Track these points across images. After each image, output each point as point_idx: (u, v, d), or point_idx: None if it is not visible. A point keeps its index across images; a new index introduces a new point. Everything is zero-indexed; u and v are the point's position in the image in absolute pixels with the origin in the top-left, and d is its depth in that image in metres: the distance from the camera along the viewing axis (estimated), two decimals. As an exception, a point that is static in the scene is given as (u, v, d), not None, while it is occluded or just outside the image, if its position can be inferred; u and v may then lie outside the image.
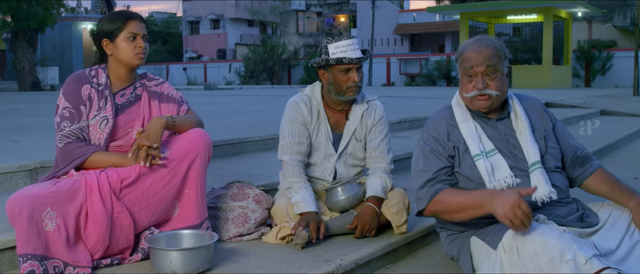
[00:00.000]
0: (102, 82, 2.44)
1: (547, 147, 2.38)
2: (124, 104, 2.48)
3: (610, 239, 2.17)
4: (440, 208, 2.27)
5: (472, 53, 2.32)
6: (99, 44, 2.46)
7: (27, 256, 2.05)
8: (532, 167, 2.30)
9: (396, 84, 28.13)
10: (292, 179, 2.69)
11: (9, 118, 7.02)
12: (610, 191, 2.39)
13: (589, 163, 2.46)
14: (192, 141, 2.41)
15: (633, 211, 2.25)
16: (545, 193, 2.24)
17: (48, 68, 27.08)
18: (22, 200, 2.07)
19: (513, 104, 2.44)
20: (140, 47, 2.44)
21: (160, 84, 2.61)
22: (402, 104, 9.57)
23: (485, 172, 2.29)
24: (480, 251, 2.25)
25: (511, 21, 22.04)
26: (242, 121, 6.41)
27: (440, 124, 2.42)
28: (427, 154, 2.37)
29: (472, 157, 2.32)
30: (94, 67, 2.49)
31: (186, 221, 2.42)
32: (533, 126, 2.41)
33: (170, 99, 2.59)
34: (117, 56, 2.44)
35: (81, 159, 2.32)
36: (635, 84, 15.19)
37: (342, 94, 2.73)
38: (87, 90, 2.41)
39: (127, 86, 2.51)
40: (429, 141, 2.40)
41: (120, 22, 2.43)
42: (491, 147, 2.34)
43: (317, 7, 40.91)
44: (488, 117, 2.41)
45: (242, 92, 17.67)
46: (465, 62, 2.34)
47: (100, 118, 2.40)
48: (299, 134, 2.76)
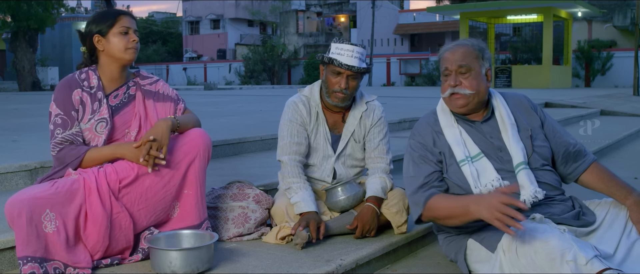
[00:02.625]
0: (94, 85, 2.41)
1: (533, 147, 2.37)
2: (118, 106, 2.45)
3: (608, 243, 2.16)
4: (433, 214, 2.28)
5: (447, 54, 2.38)
6: (90, 42, 2.42)
7: (27, 259, 2.04)
8: (517, 168, 2.29)
9: (396, 84, 28.13)
10: (291, 180, 2.69)
11: (9, 118, 7.02)
12: (606, 187, 2.37)
13: (582, 159, 2.44)
14: (192, 141, 2.40)
15: (630, 208, 2.24)
16: (531, 194, 2.23)
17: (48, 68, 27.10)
18: (21, 202, 2.06)
19: (497, 104, 2.43)
20: (133, 41, 2.42)
21: (155, 83, 2.58)
22: (402, 104, 9.57)
23: (471, 177, 2.29)
24: (478, 253, 2.24)
25: (511, 21, 22.03)
26: (242, 121, 6.41)
27: (425, 131, 2.44)
28: (416, 160, 2.38)
29: (457, 162, 2.33)
30: (84, 70, 2.44)
31: (186, 221, 2.42)
32: (518, 125, 2.40)
33: (167, 97, 2.56)
34: (109, 52, 2.40)
35: (76, 161, 2.31)
36: (635, 84, 15.19)
37: (328, 95, 2.74)
38: (78, 95, 2.37)
39: (120, 86, 2.47)
40: (417, 147, 2.41)
41: (111, 18, 2.41)
42: (477, 151, 2.34)
43: (317, 7, 40.89)
44: (472, 120, 2.41)
45: (242, 92, 17.68)
46: (441, 62, 2.39)
47: (95, 121, 2.37)
48: (298, 134, 2.76)
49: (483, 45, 2.40)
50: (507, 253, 2.06)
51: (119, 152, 2.34)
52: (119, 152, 2.34)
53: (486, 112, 2.42)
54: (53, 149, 2.33)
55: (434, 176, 2.33)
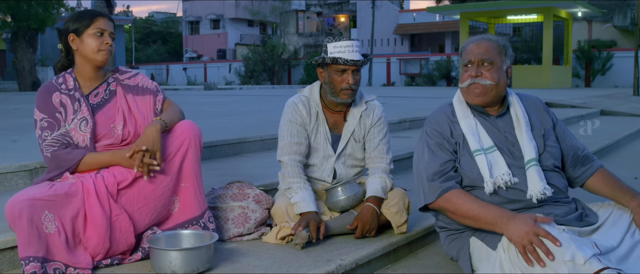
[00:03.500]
0: (71, 86, 2.43)
1: (545, 146, 2.39)
2: (100, 103, 2.47)
3: (612, 237, 2.17)
4: (450, 206, 2.25)
5: (472, 46, 2.38)
6: (65, 40, 2.45)
7: (29, 259, 2.04)
8: (528, 164, 2.30)
9: (396, 84, 28.13)
10: (291, 180, 2.69)
11: (9, 118, 7.02)
12: (611, 192, 2.39)
13: (589, 163, 2.46)
14: (182, 134, 2.41)
15: (634, 211, 2.25)
16: (540, 190, 2.24)
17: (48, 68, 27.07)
18: (21, 204, 2.06)
19: (513, 101, 2.45)
20: (107, 44, 2.43)
21: (134, 76, 2.58)
22: (402, 104, 9.57)
23: (486, 168, 2.28)
24: (479, 251, 2.25)
25: (511, 21, 22.04)
26: (242, 121, 6.41)
27: (442, 120, 2.43)
28: (433, 147, 2.36)
29: (471, 153, 2.33)
30: (60, 74, 2.47)
31: (187, 214, 2.43)
32: (532, 124, 2.41)
33: (146, 90, 2.56)
34: (83, 52, 2.42)
35: (73, 164, 2.31)
36: (635, 84, 15.20)
37: (336, 95, 2.73)
38: (57, 97, 2.39)
39: (99, 85, 2.49)
40: (434, 135, 2.40)
41: (88, 18, 2.43)
42: (490, 144, 2.35)
43: (317, 7, 40.91)
44: (488, 114, 2.42)
45: (242, 92, 17.68)
46: (464, 54, 2.40)
47: (78, 120, 2.38)
48: (298, 134, 2.76)
49: (507, 43, 2.43)
50: (506, 251, 2.07)
51: (114, 160, 2.36)
52: (115, 160, 2.36)
53: (502, 108, 2.44)
54: (46, 150, 2.33)
55: (450, 165, 2.32)
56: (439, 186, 2.27)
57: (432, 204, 2.30)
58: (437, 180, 2.29)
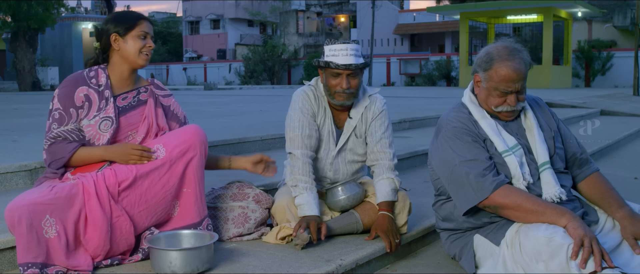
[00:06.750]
0: (102, 83, 2.42)
1: (555, 148, 2.38)
2: (125, 107, 2.47)
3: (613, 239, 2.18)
4: (509, 202, 2.14)
5: (510, 72, 2.24)
6: (106, 39, 2.44)
7: (28, 265, 2.04)
8: (541, 167, 2.29)
9: (396, 84, 28.14)
10: (300, 178, 2.65)
11: (9, 118, 7.02)
12: (600, 199, 2.35)
13: (586, 166, 2.45)
14: (188, 139, 2.39)
15: (620, 223, 2.22)
16: (555, 193, 2.23)
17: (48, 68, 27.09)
18: (21, 209, 2.05)
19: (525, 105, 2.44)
20: (149, 47, 2.46)
21: (168, 97, 2.61)
22: (402, 104, 9.57)
23: (518, 167, 2.25)
24: (483, 249, 2.25)
25: (511, 21, 22.04)
26: (242, 121, 6.40)
27: (464, 119, 2.37)
28: (470, 143, 2.29)
29: (499, 153, 2.29)
30: (93, 68, 2.46)
31: (186, 220, 2.42)
32: (541, 126, 2.40)
33: (175, 118, 2.60)
34: (124, 53, 2.43)
35: (66, 157, 2.31)
36: (635, 84, 15.20)
37: (332, 97, 2.71)
38: (83, 91, 2.38)
39: (130, 91, 2.50)
40: (464, 132, 2.32)
41: (133, 20, 2.45)
42: (514, 142, 2.32)
43: (317, 7, 40.90)
44: (500, 118, 2.40)
45: (242, 92, 17.67)
46: (501, 80, 2.26)
47: (100, 119, 2.38)
48: (309, 126, 2.72)
49: (529, 58, 2.33)
50: (510, 248, 2.07)
51: (107, 155, 2.35)
52: (108, 155, 2.35)
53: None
54: (46, 144, 2.35)
55: (492, 161, 2.27)
56: (493, 180, 2.18)
57: (486, 201, 2.19)
58: (488, 174, 2.20)
